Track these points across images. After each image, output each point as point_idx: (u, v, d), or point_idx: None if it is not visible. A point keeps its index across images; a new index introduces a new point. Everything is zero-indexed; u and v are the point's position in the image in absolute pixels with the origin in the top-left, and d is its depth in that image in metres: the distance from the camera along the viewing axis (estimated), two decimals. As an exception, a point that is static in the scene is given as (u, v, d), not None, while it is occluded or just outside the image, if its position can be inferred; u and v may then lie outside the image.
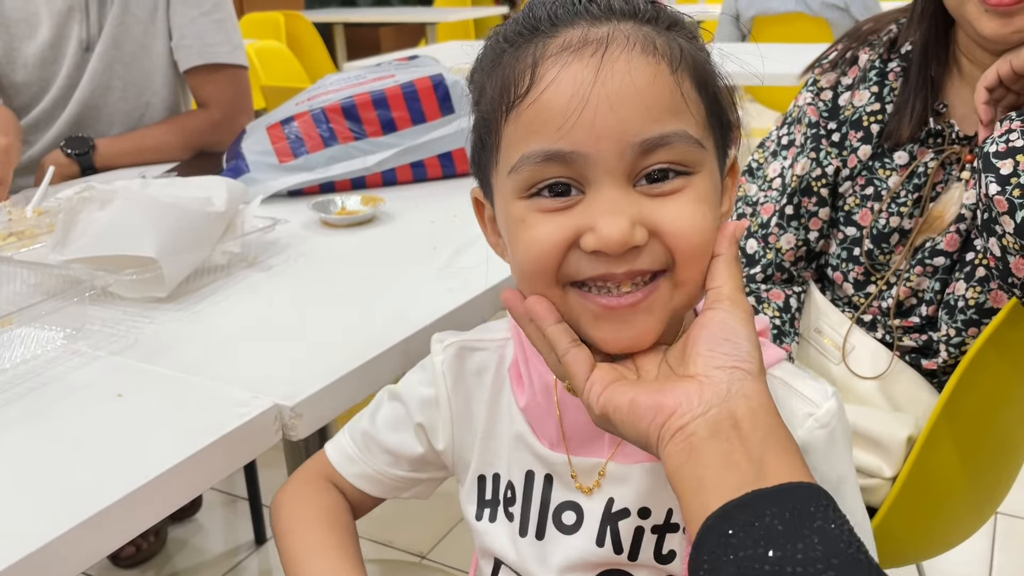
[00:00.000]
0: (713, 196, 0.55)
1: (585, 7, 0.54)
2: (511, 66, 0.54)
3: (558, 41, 0.53)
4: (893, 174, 1.01)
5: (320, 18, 4.98)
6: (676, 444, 0.49)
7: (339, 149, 1.37)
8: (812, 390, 0.58)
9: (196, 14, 1.65)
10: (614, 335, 0.54)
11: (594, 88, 0.50)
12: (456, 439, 0.69)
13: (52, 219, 1.19)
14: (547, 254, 0.53)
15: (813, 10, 3.28)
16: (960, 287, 0.96)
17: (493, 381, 0.67)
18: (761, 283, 1.08)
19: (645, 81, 0.51)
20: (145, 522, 0.65)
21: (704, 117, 0.54)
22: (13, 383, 0.79)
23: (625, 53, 0.51)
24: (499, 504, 0.67)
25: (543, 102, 0.51)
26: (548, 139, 0.51)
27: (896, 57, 1.03)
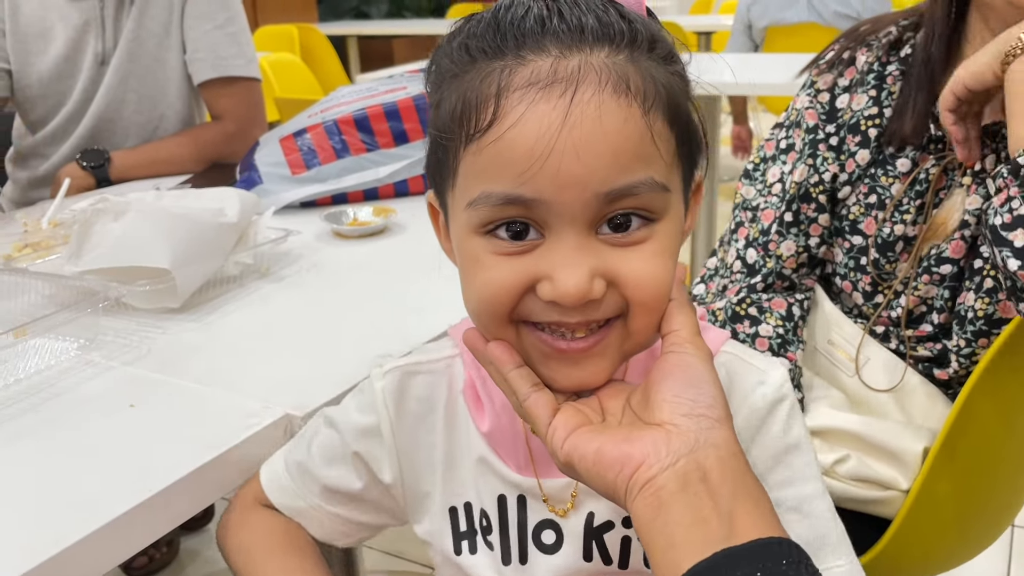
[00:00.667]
0: (675, 242, 0.53)
1: (556, 27, 0.49)
2: (473, 88, 0.50)
3: (525, 72, 0.49)
4: (896, 181, 1.00)
5: (334, 31, 5.01)
6: (645, 498, 0.47)
7: (351, 161, 1.38)
8: (762, 361, 0.60)
9: (210, 27, 1.67)
10: (564, 375, 0.53)
11: (561, 134, 0.47)
12: (405, 471, 0.65)
13: (67, 231, 1.20)
14: (501, 298, 0.51)
15: (826, 20, 3.27)
16: (970, 297, 0.96)
17: (446, 405, 0.64)
18: (762, 292, 1.07)
19: (615, 127, 0.48)
20: (157, 531, 0.65)
21: (673, 151, 0.52)
22: (28, 393, 0.80)
23: (596, 95, 0.48)
24: (476, 534, 0.65)
25: (506, 142, 0.48)
26: (509, 183, 0.48)
27: (895, 60, 1.02)
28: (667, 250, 0.52)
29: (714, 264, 1.14)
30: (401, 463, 0.65)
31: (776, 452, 0.58)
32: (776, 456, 0.58)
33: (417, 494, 0.66)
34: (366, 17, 6.79)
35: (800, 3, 3.32)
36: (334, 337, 0.91)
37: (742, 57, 3.25)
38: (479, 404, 0.63)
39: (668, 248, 0.52)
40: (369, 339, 0.89)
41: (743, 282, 1.08)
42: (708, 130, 0.57)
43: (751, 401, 0.58)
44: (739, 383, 0.59)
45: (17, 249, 1.18)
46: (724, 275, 1.11)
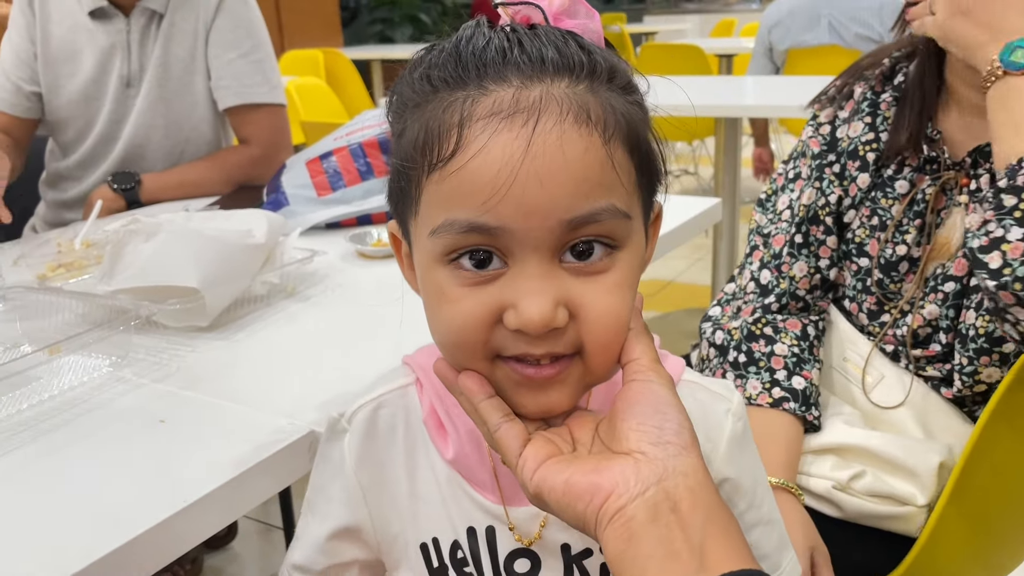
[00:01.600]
0: (635, 273, 0.53)
1: (517, 59, 0.50)
2: (436, 118, 0.50)
3: (487, 102, 0.49)
4: (895, 203, 1.03)
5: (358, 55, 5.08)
6: (615, 529, 0.47)
7: (376, 182, 1.40)
8: (721, 387, 0.62)
9: (234, 56, 1.70)
10: (532, 400, 0.53)
11: (524, 163, 0.47)
12: (374, 516, 0.65)
13: (99, 251, 1.23)
14: (471, 333, 0.51)
15: (847, 43, 3.28)
16: (970, 316, 0.96)
17: (404, 437, 0.64)
18: (776, 313, 1.09)
19: (576, 155, 0.48)
20: (185, 545, 0.67)
21: (634, 179, 0.52)
22: (61, 409, 0.82)
23: (558, 125, 0.48)
24: (449, 569, 0.63)
25: (469, 171, 0.48)
26: (473, 211, 0.48)
27: (889, 88, 1.07)
28: (627, 281, 0.52)
29: (732, 289, 1.16)
30: (370, 509, 0.65)
31: (755, 474, 0.62)
32: (755, 477, 0.62)
33: (388, 537, 0.65)
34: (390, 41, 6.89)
35: (821, 26, 3.33)
36: (358, 356, 0.93)
37: (763, 79, 3.26)
38: (442, 431, 0.62)
39: (628, 279, 0.52)
40: (392, 357, 0.90)
41: (757, 302, 1.10)
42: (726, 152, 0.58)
43: (728, 432, 0.61)
44: (710, 413, 0.61)
45: (51, 269, 1.21)
46: (739, 296, 1.13)
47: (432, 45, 0.54)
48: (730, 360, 1.06)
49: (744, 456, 0.62)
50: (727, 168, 2.61)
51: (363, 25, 7.04)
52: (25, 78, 1.71)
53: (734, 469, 0.61)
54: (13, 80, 1.71)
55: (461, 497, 0.62)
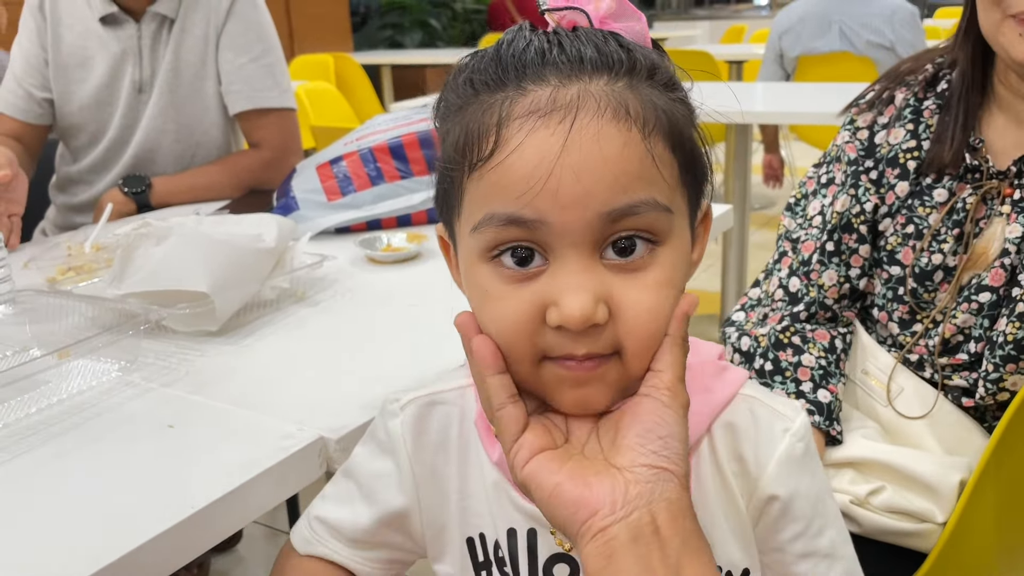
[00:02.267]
0: (679, 272, 0.53)
1: (555, 59, 0.51)
2: (476, 120, 0.52)
3: (525, 102, 0.50)
4: (933, 212, 1.00)
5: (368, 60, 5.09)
6: (596, 546, 0.48)
7: (386, 188, 1.40)
8: (785, 406, 0.60)
9: (245, 61, 1.70)
10: (570, 396, 0.53)
11: (560, 158, 0.48)
12: (424, 505, 0.66)
13: (109, 254, 1.23)
14: (516, 333, 0.52)
15: (858, 49, 3.27)
16: (1002, 323, 0.95)
17: (459, 435, 0.65)
18: (805, 322, 1.07)
19: (614, 150, 0.49)
20: (195, 550, 0.66)
21: (676, 176, 0.52)
22: (69, 413, 0.82)
23: (595, 120, 0.49)
24: (492, 565, 0.64)
25: (506, 167, 0.49)
26: (511, 204, 0.49)
27: (932, 95, 1.04)
28: (669, 279, 0.52)
29: (757, 295, 1.14)
30: (420, 497, 0.66)
31: (814, 501, 0.59)
32: (814, 506, 0.59)
33: (435, 528, 0.66)
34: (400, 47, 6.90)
35: (832, 32, 3.32)
36: (368, 361, 0.92)
37: (773, 86, 3.25)
38: (490, 433, 0.63)
39: (670, 277, 0.52)
40: (402, 363, 0.90)
41: (785, 310, 1.08)
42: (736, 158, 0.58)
43: (781, 451, 0.58)
44: (764, 429, 0.59)
45: (61, 272, 1.21)
46: (766, 304, 1.11)
47: (477, 51, 0.56)
48: (756, 367, 1.05)
49: (800, 479, 0.59)
50: (737, 174, 2.61)
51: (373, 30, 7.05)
52: (36, 84, 1.71)
53: (784, 489, 0.58)
54: (25, 87, 1.71)
55: (504, 499, 0.63)
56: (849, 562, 0.61)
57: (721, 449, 0.59)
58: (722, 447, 0.59)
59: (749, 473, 0.59)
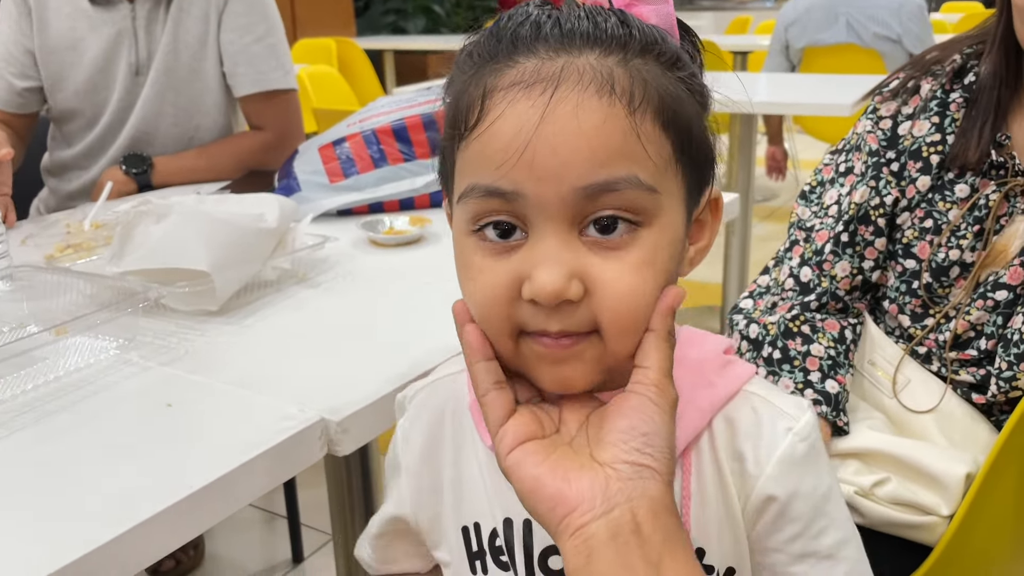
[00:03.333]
0: (665, 254, 0.51)
1: (548, 33, 0.50)
2: (466, 92, 0.52)
3: (512, 73, 0.50)
4: (953, 207, 0.99)
5: (370, 45, 5.07)
6: (575, 544, 0.47)
7: (389, 170, 1.38)
8: (790, 404, 0.58)
9: (249, 41, 1.67)
10: (549, 374, 0.52)
11: (538, 129, 0.48)
12: (412, 495, 0.66)
13: (108, 232, 1.22)
14: (493, 306, 0.51)
15: (865, 42, 3.25)
16: (1018, 320, 0.94)
17: (453, 422, 0.64)
18: (816, 312, 1.06)
19: (593, 124, 0.48)
20: (193, 531, 0.65)
21: (668, 156, 0.51)
22: (67, 390, 0.81)
23: (576, 93, 0.48)
24: (487, 554, 0.64)
25: (487, 137, 0.49)
26: (490, 175, 0.49)
27: (959, 87, 1.01)
28: (650, 261, 0.50)
29: (766, 282, 1.12)
30: (411, 488, 0.66)
31: (816, 502, 0.57)
32: (816, 506, 0.57)
33: (427, 518, 0.66)
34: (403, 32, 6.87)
35: (839, 24, 3.30)
36: (369, 344, 0.91)
37: (779, 77, 3.23)
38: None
39: (652, 259, 0.50)
40: (404, 346, 0.89)
41: (796, 299, 1.07)
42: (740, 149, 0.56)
43: (783, 451, 0.57)
44: (766, 428, 0.57)
45: (59, 249, 1.19)
46: (775, 292, 1.10)
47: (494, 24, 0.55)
48: (764, 355, 1.03)
49: (801, 479, 0.57)
50: (741, 165, 2.59)
51: (376, 15, 7.01)
52: (16, 73, 1.66)
53: (783, 490, 0.57)
54: (5, 77, 1.67)
55: (500, 486, 0.61)
56: (853, 564, 0.58)
57: (721, 445, 0.58)
58: (722, 443, 0.58)
59: (748, 472, 0.57)
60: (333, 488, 0.99)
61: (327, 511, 1.00)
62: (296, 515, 1.86)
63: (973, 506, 0.89)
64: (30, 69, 1.67)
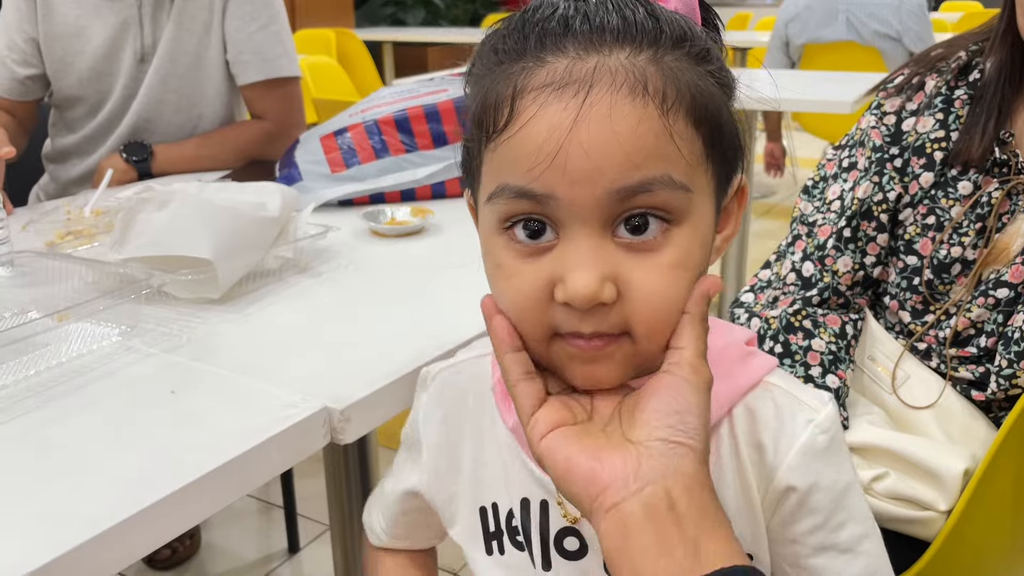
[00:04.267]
0: (698, 252, 0.52)
1: (577, 28, 0.49)
2: (494, 89, 0.51)
3: (542, 74, 0.49)
4: (956, 204, 0.99)
5: (370, 36, 5.05)
6: (610, 523, 0.47)
7: (390, 161, 1.38)
8: (811, 397, 0.59)
9: (254, 28, 1.67)
10: (581, 372, 0.52)
11: (571, 133, 0.47)
12: (430, 472, 0.67)
13: (109, 219, 1.22)
14: (527, 310, 0.51)
15: (865, 39, 3.25)
16: (1019, 319, 0.94)
17: (475, 403, 0.65)
18: (817, 307, 1.06)
19: (627, 127, 0.47)
20: (197, 517, 0.65)
21: (699, 152, 0.51)
22: (69, 376, 0.81)
23: (608, 95, 0.47)
24: (504, 534, 0.64)
25: (518, 140, 0.49)
26: (522, 177, 0.49)
27: (963, 84, 1.01)
28: (683, 261, 0.51)
29: (767, 276, 1.13)
30: (428, 470, 0.67)
31: (836, 495, 0.58)
32: (836, 499, 0.58)
33: (443, 497, 0.67)
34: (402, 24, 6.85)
35: (839, 21, 3.30)
36: (371, 333, 0.91)
37: (778, 73, 3.23)
38: (508, 399, 0.62)
39: (685, 259, 0.51)
40: (406, 337, 0.89)
41: (797, 294, 1.07)
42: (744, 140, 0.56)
43: (803, 442, 0.57)
44: (786, 419, 0.58)
45: (60, 236, 1.19)
46: (776, 287, 1.10)
47: (509, 16, 0.54)
48: (765, 350, 1.04)
49: (822, 471, 0.57)
50: (741, 161, 2.59)
51: (375, 7, 6.99)
52: (19, 61, 1.66)
53: (803, 481, 0.57)
54: (7, 65, 1.66)
55: (519, 467, 0.62)
56: (872, 559, 0.58)
57: (740, 435, 0.58)
58: (741, 433, 0.58)
59: (767, 463, 0.58)
60: (331, 478, 1.00)
61: (323, 501, 1.00)
62: (293, 505, 1.87)
63: (971, 502, 0.90)
64: (32, 57, 1.66)
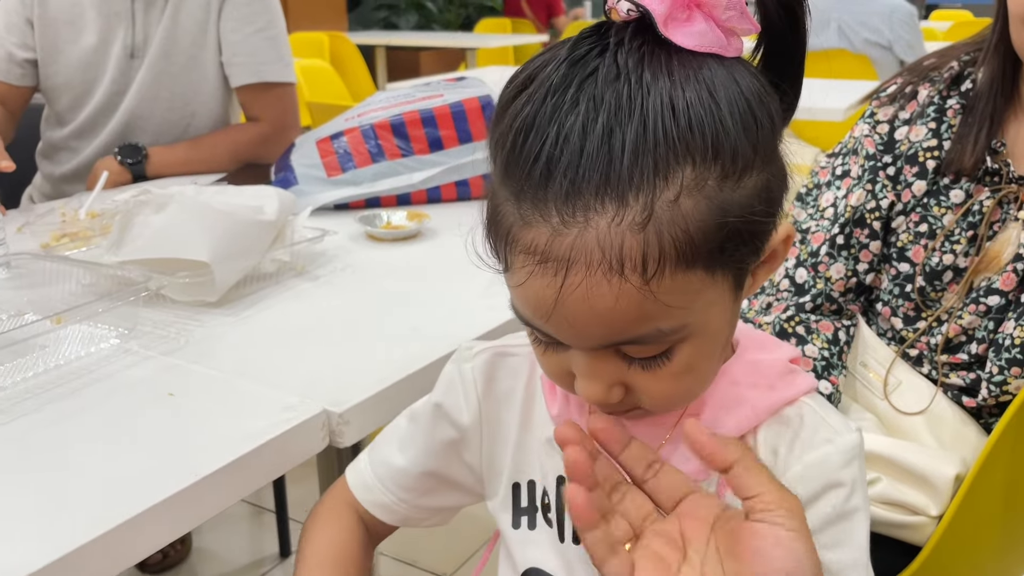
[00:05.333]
0: (707, 352, 0.52)
1: (559, 181, 0.46)
2: (494, 216, 0.51)
3: (527, 237, 0.48)
4: (948, 212, 1.00)
5: (363, 40, 5.05)
6: None
7: (386, 165, 1.38)
8: (838, 421, 0.59)
9: (250, 32, 1.67)
10: None
11: (555, 309, 0.49)
12: (486, 448, 0.69)
13: (105, 221, 1.22)
14: (554, 380, 0.56)
15: (855, 47, 3.27)
16: (1009, 326, 0.95)
17: (526, 387, 0.67)
18: (810, 313, 1.07)
19: (605, 307, 0.47)
20: (193, 521, 0.66)
21: (699, 283, 0.49)
22: (67, 378, 0.81)
23: (585, 280, 0.47)
24: (537, 511, 0.66)
25: (517, 293, 0.51)
26: (526, 316, 0.52)
27: (956, 94, 1.02)
28: (694, 368, 0.52)
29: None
30: (483, 440, 0.68)
31: (835, 515, 0.57)
32: (834, 520, 0.57)
33: (493, 470, 0.69)
34: (395, 28, 6.85)
35: (830, 29, 3.32)
36: (367, 337, 0.92)
37: (770, 81, 3.24)
38: (553, 389, 0.65)
39: (693, 363, 0.52)
40: (402, 340, 0.90)
41: (791, 300, 1.08)
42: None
43: (815, 456, 0.57)
44: (806, 434, 0.59)
45: (55, 238, 1.19)
46: (770, 293, 1.11)
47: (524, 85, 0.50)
48: None
49: (826, 489, 0.56)
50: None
51: (368, 11, 6.99)
52: (17, 43, 1.65)
53: (805, 492, 0.56)
54: (6, 46, 1.66)
55: (556, 456, 0.63)
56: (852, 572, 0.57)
57: (763, 443, 0.59)
58: (764, 441, 0.59)
59: (776, 468, 0.58)
60: (324, 482, 1.00)
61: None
62: (284, 509, 1.86)
63: (962, 507, 0.91)
64: (30, 39, 1.66)
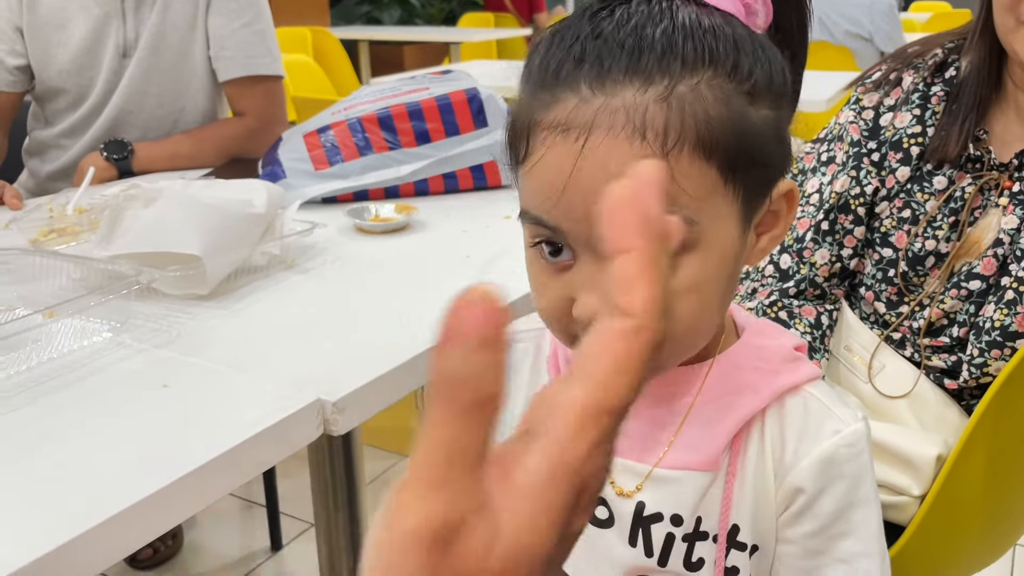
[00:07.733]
0: (711, 273, 0.52)
1: (589, 62, 0.50)
2: (519, 116, 0.53)
3: (554, 111, 0.50)
4: (931, 198, 1.02)
5: (346, 35, 5.04)
6: None
7: (374, 158, 1.39)
8: (844, 411, 0.60)
9: (238, 25, 1.66)
10: None
11: (571, 177, 0.49)
12: None
13: (93, 216, 1.22)
14: (552, 320, 0.56)
15: (837, 39, 3.30)
16: (989, 309, 0.97)
17: (531, 372, 0.68)
18: (793, 298, 1.09)
19: (623, 172, 0.49)
20: (191, 509, 0.66)
21: (713, 182, 0.51)
22: (61, 372, 0.81)
23: (606, 141, 0.48)
24: None
25: (533, 175, 0.52)
26: (537, 208, 0.52)
27: (940, 81, 1.04)
28: (696, 287, 0.52)
29: (745, 268, 1.15)
30: None
31: (843, 506, 0.59)
32: (843, 510, 0.59)
33: None
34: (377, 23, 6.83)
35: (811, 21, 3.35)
36: (358, 328, 0.92)
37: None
38: (558, 372, 0.65)
39: (698, 281, 0.52)
40: (392, 331, 0.90)
41: (775, 286, 1.09)
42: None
43: (823, 450, 0.58)
44: (813, 425, 0.59)
45: (43, 234, 1.19)
46: (755, 279, 1.12)
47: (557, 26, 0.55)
48: None
49: (835, 481, 0.58)
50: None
51: (351, 6, 6.97)
52: (7, 51, 1.64)
53: (812, 486, 0.58)
54: None
55: None
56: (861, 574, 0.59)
57: (768, 433, 0.60)
58: (770, 431, 0.60)
59: (786, 461, 0.60)
60: (316, 474, 1.00)
61: (305, 499, 1.00)
62: (275, 503, 1.87)
63: (944, 487, 0.93)
64: (20, 46, 1.65)
